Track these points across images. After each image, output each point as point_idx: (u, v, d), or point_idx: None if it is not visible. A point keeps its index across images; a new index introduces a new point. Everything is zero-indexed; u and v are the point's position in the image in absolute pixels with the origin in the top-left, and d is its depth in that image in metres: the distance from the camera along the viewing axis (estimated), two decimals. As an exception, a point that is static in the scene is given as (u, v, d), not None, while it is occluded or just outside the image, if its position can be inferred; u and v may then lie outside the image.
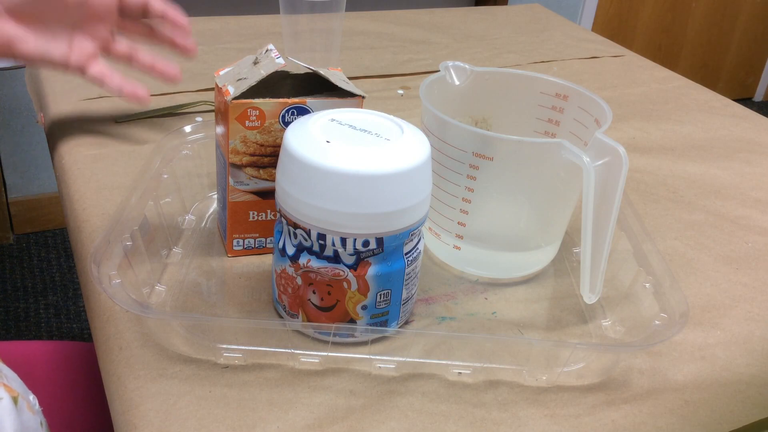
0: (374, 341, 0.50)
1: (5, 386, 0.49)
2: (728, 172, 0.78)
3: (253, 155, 0.53)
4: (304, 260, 0.46)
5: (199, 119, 0.66)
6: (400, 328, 0.51)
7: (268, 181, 0.54)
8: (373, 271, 0.46)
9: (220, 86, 0.52)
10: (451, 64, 0.59)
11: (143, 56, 0.66)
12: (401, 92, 0.91)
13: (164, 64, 0.66)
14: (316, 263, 0.45)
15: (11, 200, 1.90)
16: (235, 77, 0.52)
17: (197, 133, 0.64)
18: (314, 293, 0.47)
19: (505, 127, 0.61)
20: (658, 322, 0.48)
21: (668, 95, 0.97)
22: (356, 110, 0.48)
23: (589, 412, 0.46)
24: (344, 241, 0.44)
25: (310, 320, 0.48)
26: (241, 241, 0.56)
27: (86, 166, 0.68)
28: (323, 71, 0.53)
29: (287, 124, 0.52)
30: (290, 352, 0.48)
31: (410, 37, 1.10)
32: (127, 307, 0.45)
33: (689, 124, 0.89)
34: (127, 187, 0.64)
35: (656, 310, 0.49)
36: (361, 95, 0.53)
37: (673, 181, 0.75)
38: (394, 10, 1.22)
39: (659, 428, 0.45)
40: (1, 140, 1.83)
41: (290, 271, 0.47)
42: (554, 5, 2.41)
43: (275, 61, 0.51)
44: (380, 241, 0.44)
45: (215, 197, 0.64)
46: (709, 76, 2.97)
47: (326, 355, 0.48)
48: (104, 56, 0.66)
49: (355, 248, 0.44)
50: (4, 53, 0.59)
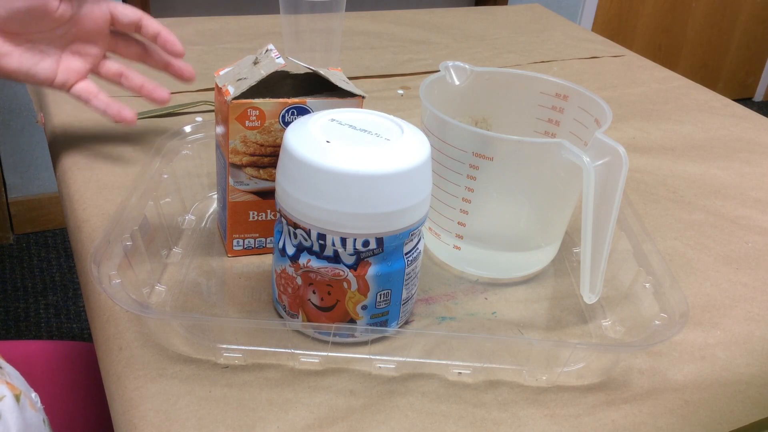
0: (374, 341, 0.50)
1: (8, 384, 0.49)
2: (728, 172, 0.78)
3: (253, 155, 0.53)
4: (304, 260, 0.46)
5: (199, 119, 0.66)
6: (400, 328, 0.51)
7: (268, 181, 0.54)
8: (373, 271, 0.46)
9: (220, 86, 0.52)
10: (451, 64, 0.59)
11: (133, 77, 0.65)
12: (401, 92, 0.91)
13: (153, 86, 0.65)
14: (316, 263, 0.45)
15: (11, 200, 1.90)
16: (235, 77, 0.52)
17: (197, 133, 0.64)
18: (314, 293, 0.47)
19: (505, 127, 0.61)
20: (658, 322, 0.48)
21: (668, 95, 0.97)
22: (356, 110, 0.48)
23: (589, 412, 0.46)
24: (344, 241, 0.44)
25: (310, 320, 0.48)
26: (241, 241, 0.56)
27: (86, 166, 0.68)
28: (323, 71, 0.53)
29: (287, 124, 0.52)
30: (290, 352, 0.48)
31: (410, 37, 1.10)
32: (127, 307, 0.45)
33: (689, 124, 0.89)
34: (127, 187, 0.64)
35: (656, 310, 0.49)
36: (361, 95, 0.53)
37: (673, 181, 0.75)
38: (394, 10, 1.22)
39: (659, 428, 0.45)
40: (1, 140, 1.83)
41: (290, 271, 0.47)
42: (554, 5, 2.41)
43: (275, 61, 0.51)
44: (380, 241, 0.44)
45: (215, 197, 0.64)
46: (709, 76, 2.97)
47: (326, 355, 0.48)
48: (95, 76, 0.65)
49: (355, 248, 0.44)
50: None
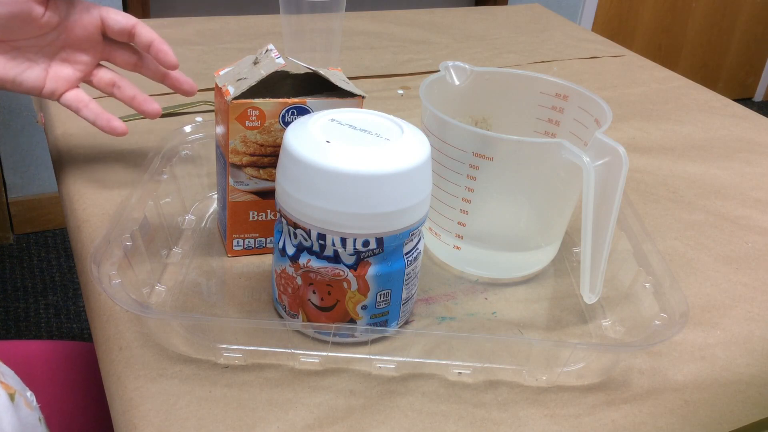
0: (374, 341, 0.50)
1: (1, 383, 0.49)
2: (728, 172, 0.78)
3: (253, 155, 0.53)
4: (304, 260, 0.46)
5: (199, 119, 0.66)
6: (400, 328, 0.51)
7: (268, 181, 0.54)
8: (373, 271, 0.46)
9: (220, 86, 0.52)
10: (451, 64, 0.59)
11: (126, 88, 0.64)
12: (401, 92, 0.91)
13: (144, 99, 0.64)
14: (316, 263, 0.45)
15: (11, 200, 1.90)
16: (235, 77, 0.52)
17: (197, 133, 0.64)
18: (314, 293, 0.47)
19: (505, 127, 0.61)
20: (658, 322, 0.48)
21: (668, 95, 0.97)
22: (356, 110, 0.48)
23: (589, 412, 0.46)
24: (344, 241, 0.44)
25: (310, 320, 0.48)
26: (241, 241, 0.56)
27: (86, 166, 0.68)
28: (323, 71, 0.53)
29: (287, 124, 0.52)
30: (290, 352, 0.48)
31: (410, 37, 1.10)
32: (127, 307, 0.45)
33: (689, 124, 0.89)
34: (127, 187, 0.64)
35: (656, 310, 0.49)
36: (361, 95, 0.53)
37: (673, 181, 0.75)
38: (394, 10, 1.22)
39: (659, 428, 0.45)
40: (1, 140, 1.83)
41: (290, 271, 0.47)
42: (554, 5, 2.41)
43: (275, 61, 0.51)
44: (380, 241, 0.44)
45: (215, 197, 0.64)
46: (709, 76, 2.97)
47: (326, 355, 0.48)
48: (87, 85, 0.64)
49: (355, 248, 0.44)
50: None
